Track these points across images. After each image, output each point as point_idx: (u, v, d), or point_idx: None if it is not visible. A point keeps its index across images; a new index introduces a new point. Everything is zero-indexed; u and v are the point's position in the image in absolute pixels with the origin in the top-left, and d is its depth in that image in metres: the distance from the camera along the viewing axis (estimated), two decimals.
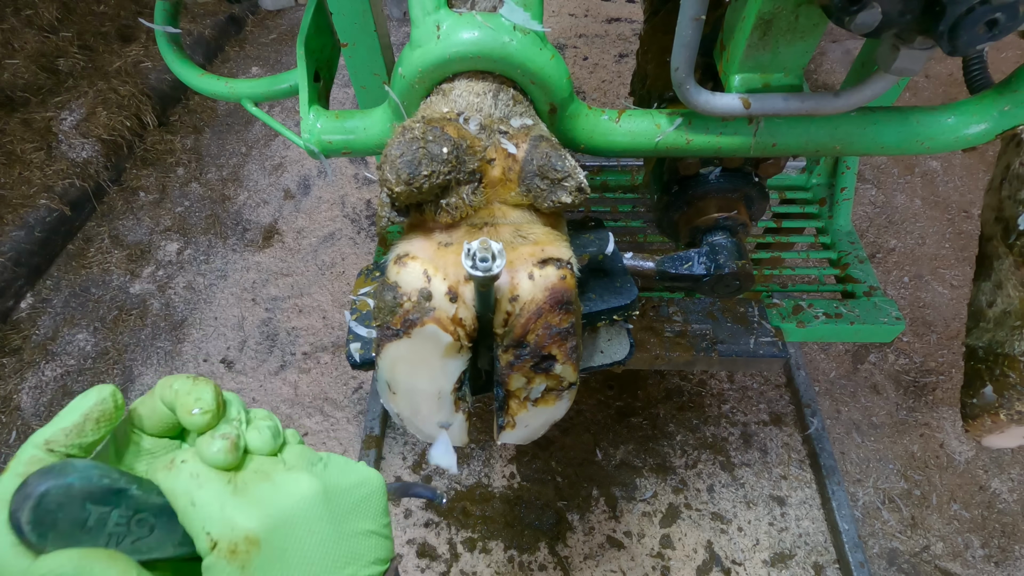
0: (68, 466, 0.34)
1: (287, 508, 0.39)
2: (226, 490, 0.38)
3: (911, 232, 2.10)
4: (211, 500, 0.37)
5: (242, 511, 0.37)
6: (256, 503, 0.38)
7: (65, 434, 0.37)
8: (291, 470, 0.41)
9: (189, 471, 0.38)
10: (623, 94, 2.60)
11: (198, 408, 0.40)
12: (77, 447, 0.37)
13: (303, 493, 0.40)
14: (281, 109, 2.56)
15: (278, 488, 0.39)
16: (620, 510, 1.51)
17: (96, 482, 0.34)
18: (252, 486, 0.39)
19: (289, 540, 0.38)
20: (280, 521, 0.38)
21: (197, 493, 0.37)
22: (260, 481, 0.39)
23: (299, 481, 0.40)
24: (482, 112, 0.57)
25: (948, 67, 2.61)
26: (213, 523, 0.36)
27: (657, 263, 0.78)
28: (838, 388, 1.75)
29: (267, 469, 0.41)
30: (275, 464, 0.41)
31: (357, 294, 0.68)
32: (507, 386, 0.54)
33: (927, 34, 0.52)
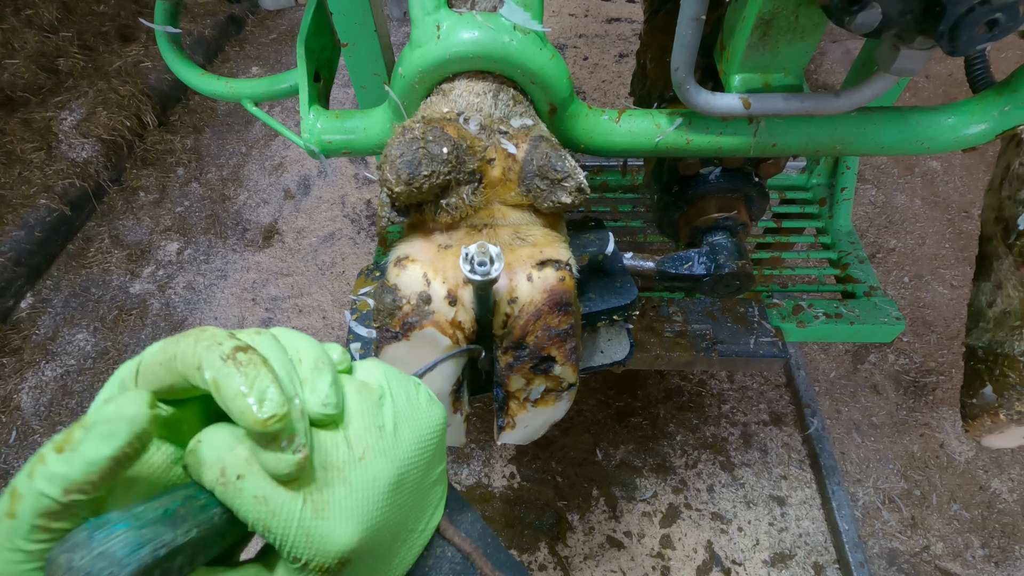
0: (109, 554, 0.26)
1: (373, 515, 0.34)
2: (305, 514, 0.32)
3: (911, 232, 2.10)
4: (291, 528, 0.31)
5: (330, 538, 0.32)
6: (342, 521, 0.33)
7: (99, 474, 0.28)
8: (365, 461, 0.34)
9: (252, 493, 0.30)
10: (623, 94, 2.60)
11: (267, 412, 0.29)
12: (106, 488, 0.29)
13: (383, 487, 0.34)
14: (281, 109, 2.56)
15: (358, 493, 0.34)
16: (620, 510, 1.51)
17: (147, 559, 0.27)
18: (330, 497, 0.33)
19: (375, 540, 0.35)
20: (369, 533, 0.34)
21: (271, 521, 0.31)
22: (337, 487, 0.33)
23: (377, 476, 0.34)
24: (482, 112, 0.57)
25: (948, 67, 2.61)
26: (299, 549, 0.32)
27: (657, 263, 0.78)
28: (838, 388, 1.75)
29: (339, 464, 0.34)
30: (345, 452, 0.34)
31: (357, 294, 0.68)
32: (507, 387, 0.54)
33: (927, 34, 0.52)
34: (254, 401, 0.29)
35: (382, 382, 0.38)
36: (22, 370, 1.79)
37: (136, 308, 1.94)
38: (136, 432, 0.29)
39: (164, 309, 1.94)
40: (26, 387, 1.76)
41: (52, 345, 1.85)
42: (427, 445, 0.37)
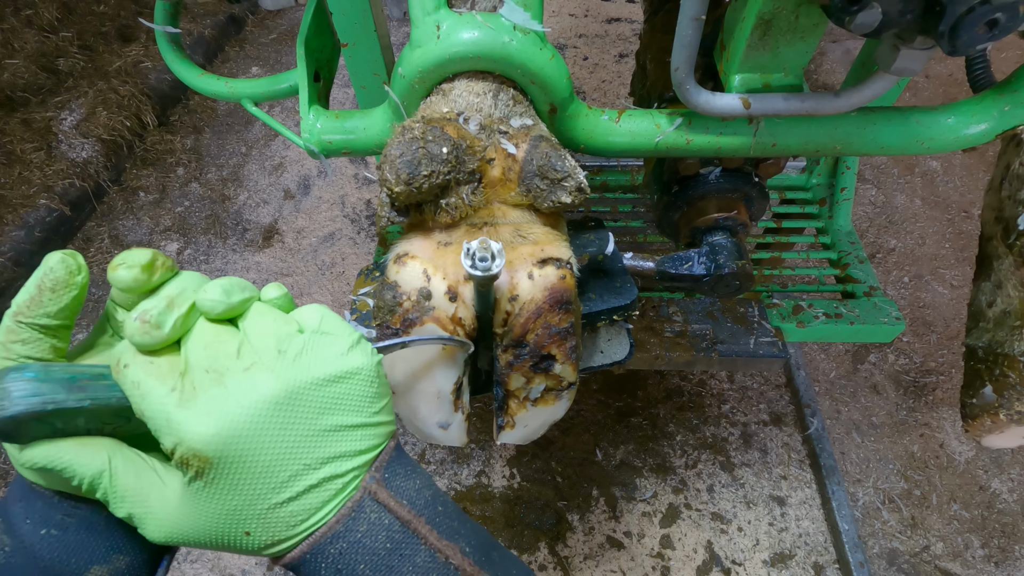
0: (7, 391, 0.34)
1: (240, 419, 0.35)
2: (170, 400, 0.35)
3: (911, 232, 2.10)
4: (156, 412, 0.35)
5: (187, 425, 0.35)
6: (204, 415, 0.35)
7: (27, 305, 0.36)
8: (249, 369, 0.37)
9: (131, 378, 0.36)
10: (623, 94, 2.60)
11: (123, 264, 0.37)
12: (44, 316, 0.37)
13: (260, 399, 0.36)
14: (281, 109, 2.56)
15: (230, 395, 0.36)
16: (620, 510, 1.51)
17: (38, 407, 0.34)
18: (201, 392, 0.36)
19: (245, 452, 0.35)
20: (232, 435, 0.35)
21: (142, 404, 0.36)
22: (211, 385, 0.36)
23: (256, 385, 0.36)
24: (482, 112, 0.57)
25: (948, 67, 2.61)
26: (162, 435, 0.36)
27: (657, 263, 0.78)
28: (838, 388, 1.75)
29: (221, 367, 0.37)
30: (229, 357, 0.37)
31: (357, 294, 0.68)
32: (506, 386, 0.54)
33: (927, 34, 0.52)
34: (121, 260, 0.37)
35: (313, 320, 0.40)
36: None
37: None
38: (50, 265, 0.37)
39: None
40: None
41: None
42: (331, 383, 0.38)
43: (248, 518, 0.37)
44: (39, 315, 0.36)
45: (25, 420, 0.34)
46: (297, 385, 0.37)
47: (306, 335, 0.39)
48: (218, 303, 0.38)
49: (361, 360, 0.40)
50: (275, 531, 0.37)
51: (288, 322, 0.40)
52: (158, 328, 0.37)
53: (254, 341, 0.38)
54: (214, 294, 0.38)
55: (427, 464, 1.60)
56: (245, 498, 0.36)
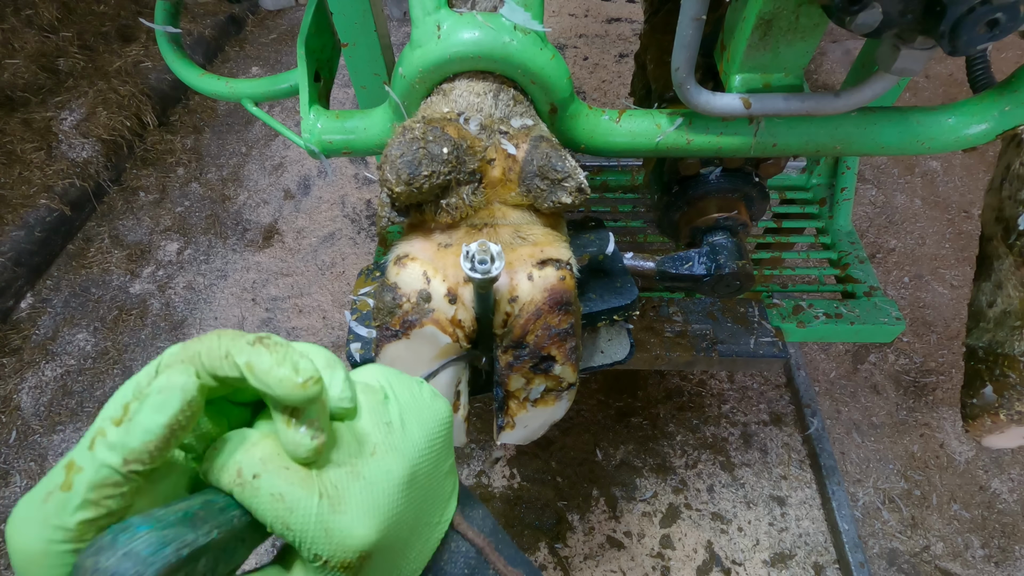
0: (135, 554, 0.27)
1: (388, 508, 0.34)
2: (322, 509, 0.32)
3: (911, 232, 2.10)
4: (309, 524, 0.31)
5: (348, 532, 0.32)
6: (359, 515, 0.33)
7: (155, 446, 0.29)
8: (376, 456, 0.35)
9: (269, 491, 0.31)
10: (623, 94, 2.60)
11: (304, 375, 0.30)
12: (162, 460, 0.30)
13: (396, 481, 0.35)
14: (281, 109, 2.56)
15: (373, 487, 0.34)
16: (620, 510, 1.51)
17: (170, 559, 0.28)
18: (345, 492, 0.33)
19: (395, 533, 0.35)
20: (386, 526, 0.34)
21: (289, 518, 0.31)
22: (351, 482, 0.33)
23: (390, 470, 0.35)
24: (482, 112, 0.57)
25: (948, 67, 2.61)
26: (319, 546, 0.32)
27: (657, 263, 0.78)
28: (838, 388, 1.75)
29: (352, 460, 0.34)
30: (353, 447, 0.34)
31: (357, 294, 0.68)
32: (507, 387, 0.54)
33: (928, 34, 0.52)
34: (290, 370, 0.30)
35: (383, 382, 0.38)
36: (22, 370, 1.79)
37: (136, 308, 1.94)
38: (187, 399, 0.29)
39: (164, 309, 1.94)
40: (26, 387, 1.76)
41: (52, 345, 1.85)
42: (435, 438, 0.38)
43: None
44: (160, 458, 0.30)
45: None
46: (415, 455, 0.36)
47: (391, 397, 0.38)
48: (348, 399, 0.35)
49: (442, 405, 0.39)
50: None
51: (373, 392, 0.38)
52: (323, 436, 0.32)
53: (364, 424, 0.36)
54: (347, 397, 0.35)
55: None
56: (390, 568, 0.36)
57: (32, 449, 1.64)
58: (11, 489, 1.57)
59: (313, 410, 0.32)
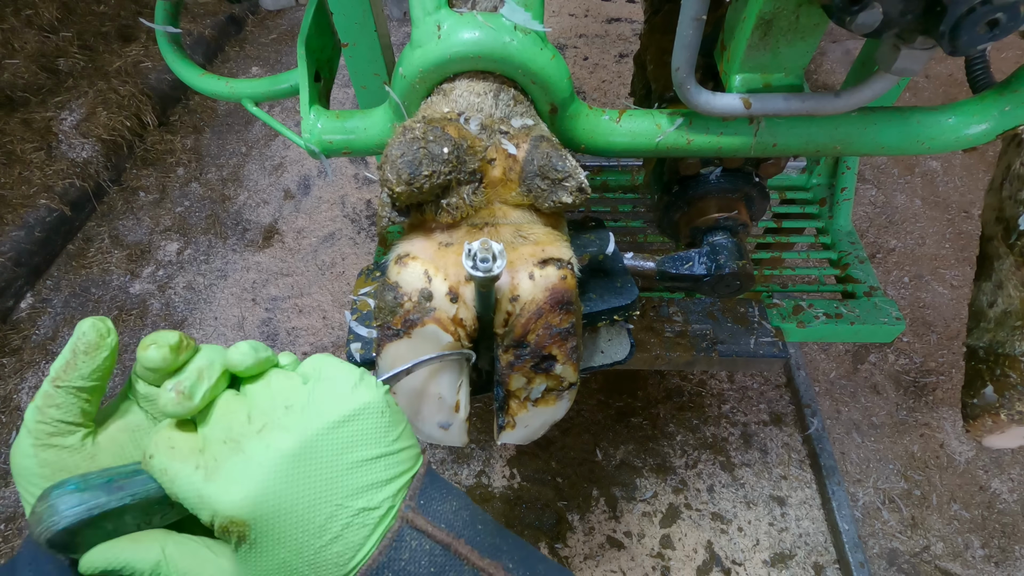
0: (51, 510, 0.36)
1: (263, 481, 0.37)
2: (196, 477, 0.38)
3: (911, 232, 2.11)
4: (187, 492, 0.38)
5: (217, 498, 0.37)
6: (229, 484, 0.37)
7: (63, 370, 0.39)
8: (262, 431, 0.39)
9: (158, 467, 0.39)
10: (623, 94, 2.60)
11: (153, 344, 0.40)
12: (78, 379, 0.39)
13: (277, 457, 0.38)
14: (281, 109, 2.56)
15: (250, 459, 0.38)
16: (620, 510, 1.51)
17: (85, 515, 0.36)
18: (223, 463, 0.38)
19: (278, 507, 0.37)
20: (260, 496, 0.37)
21: (174, 488, 0.38)
22: (230, 455, 0.38)
23: (271, 445, 0.38)
24: (483, 112, 0.57)
25: (948, 67, 2.61)
26: (198, 511, 0.38)
27: (657, 263, 0.78)
28: (838, 388, 1.75)
29: (237, 435, 0.39)
30: (243, 423, 0.40)
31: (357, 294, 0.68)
32: (507, 386, 0.54)
33: (928, 34, 0.52)
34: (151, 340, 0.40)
35: (314, 369, 0.42)
36: (22, 370, 1.79)
37: (136, 308, 1.94)
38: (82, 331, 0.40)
39: (164, 309, 1.94)
40: (26, 387, 1.76)
41: (52, 345, 1.85)
42: (344, 424, 0.40)
43: (300, 567, 0.38)
44: (74, 377, 0.39)
45: (77, 529, 0.36)
46: (310, 434, 0.39)
47: (309, 385, 0.41)
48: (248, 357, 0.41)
49: (366, 395, 0.41)
50: (328, 573, 0.39)
51: (290, 378, 0.42)
52: (190, 399, 0.40)
53: (262, 404, 0.40)
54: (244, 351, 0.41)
55: None
56: (291, 549, 0.38)
57: None
58: (11, 489, 1.57)
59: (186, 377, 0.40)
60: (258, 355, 0.41)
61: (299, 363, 0.45)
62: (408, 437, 0.43)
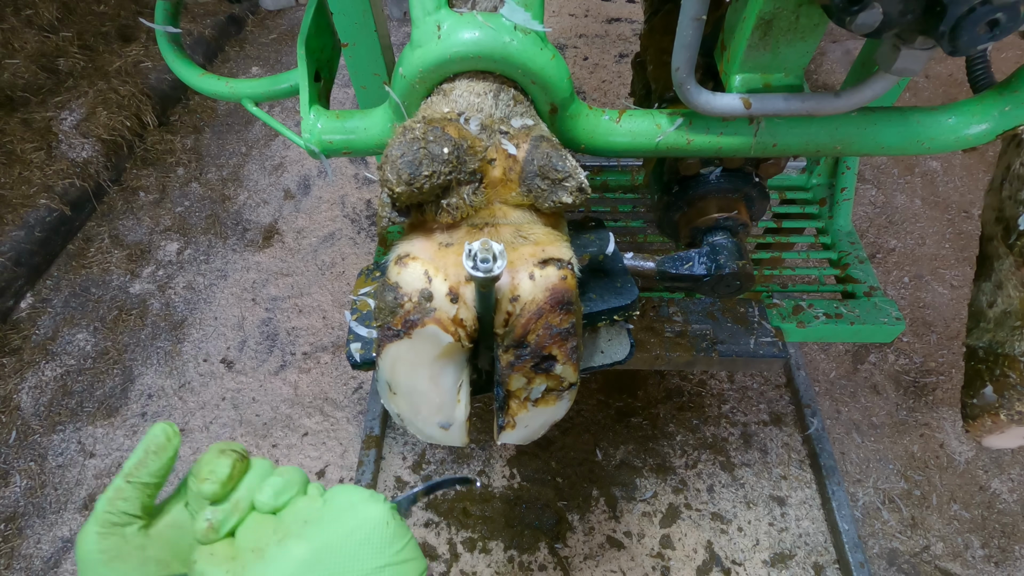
0: None
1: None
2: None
3: (911, 232, 2.11)
4: None
5: None
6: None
7: (135, 467, 0.46)
8: (282, 541, 0.45)
9: (199, 571, 0.45)
10: (623, 94, 2.60)
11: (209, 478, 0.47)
12: (147, 475, 0.46)
13: (294, 563, 0.43)
14: (281, 109, 2.56)
15: (269, 564, 0.44)
16: (620, 510, 1.51)
17: None
18: (248, 568, 0.44)
19: None
20: None
21: None
22: (254, 561, 0.44)
23: (288, 552, 0.44)
24: (483, 112, 0.57)
25: (948, 67, 2.61)
26: None
27: (657, 263, 0.78)
28: (838, 388, 1.75)
29: (261, 543, 0.45)
30: (268, 535, 0.46)
31: (357, 294, 0.68)
32: (507, 386, 0.54)
33: (928, 34, 0.52)
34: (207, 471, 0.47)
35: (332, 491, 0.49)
36: (22, 370, 1.79)
37: (136, 308, 1.94)
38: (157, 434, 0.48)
39: (164, 309, 1.94)
40: (26, 387, 1.76)
41: (52, 345, 1.85)
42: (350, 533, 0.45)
43: None
44: (143, 474, 0.46)
45: None
46: (322, 543, 0.44)
47: (325, 502, 0.47)
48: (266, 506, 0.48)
49: (372, 510, 0.47)
50: None
51: (312, 500, 0.48)
52: (217, 532, 0.47)
53: (285, 519, 0.47)
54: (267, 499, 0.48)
55: (427, 464, 1.60)
56: None
57: (32, 449, 1.64)
58: (11, 489, 1.57)
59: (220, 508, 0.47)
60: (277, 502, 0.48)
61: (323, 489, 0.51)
62: (412, 550, 0.47)
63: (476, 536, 1.47)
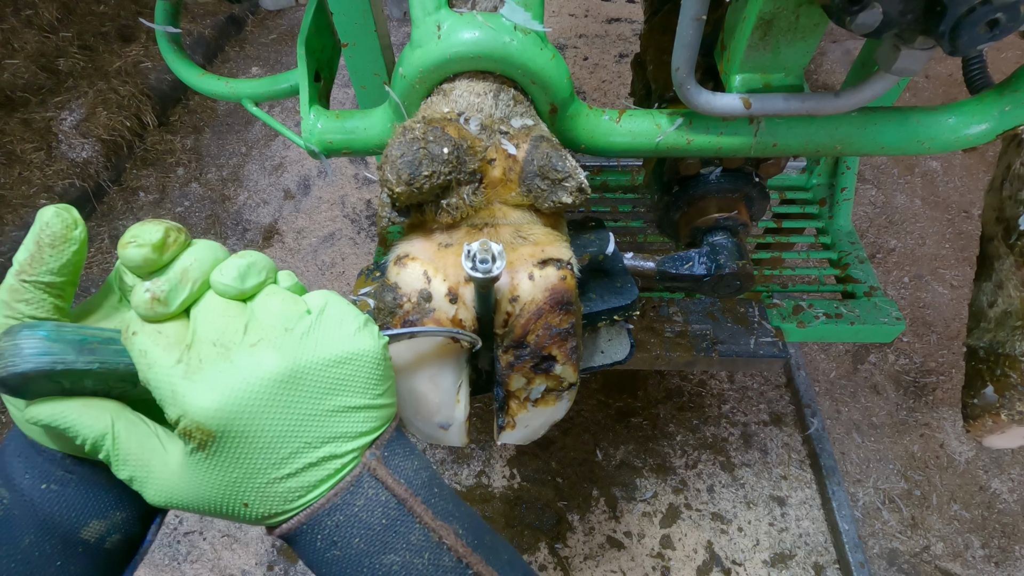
0: (15, 349, 0.34)
1: (244, 395, 0.36)
2: (176, 372, 0.36)
3: (911, 232, 2.11)
4: (161, 383, 0.36)
5: (192, 397, 0.35)
6: (208, 388, 0.35)
7: (28, 263, 0.36)
8: (255, 346, 0.37)
9: (138, 346, 0.37)
10: (623, 94, 2.60)
11: (133, 240, 0.36)
12: (46, 273, 0.36)
13: (264, 376, 0.36)
14: (281, 109, 2.56)
15: (235, 370, 0.36)
16: (620, 510, 1.51)
17: (47, 367, 0.35)
18: (207, 366, 0.36)
19: (248, 428, 0.36)
20: (236, 410, 0.36)
21: (148, 374, 0.36)
22: (217, 360, 0.36)
23: (261, 362, 0.37)
24: (483, 112, 0.57)
25: (948, 67, 2.61)
26: (166, 405, 0.36)
27: (657, 263, 0.78)
28: (838, 388, 1.75)
29: (228, 342, 0.37)
30: (237, 332, 0.37)
31: (357, 294, 0.68)
32: (507, 386, 0.54)
33: (928, 34, 0.52)
34: (131, 235, 0.37)
35: (318, 303, 0.41)
36: None
37: None
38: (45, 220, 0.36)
39: None
40: None
41: None
42: (338, 363, 0.39)
43: (247, 491, 0.38)
44: (42, 272, 0.36)
45: (34, 377, 0.35)
46: (302, 364, 0.37)
47: (313, 315, 0.39)
48: (231, 288, 0.39)
49: (368, 342, 0.40)
50: (273, 504, 0.38)
51: (296, 303, 0.40)
52: (165, 306, 0.37)
53: (261, 319, 0.38)
54: (229, 278, 0.39)
55: None
56: (245, 472, 0.37)
57: None
58: None
59: (165, 280, 0.37)
60: (243, 286, 0.39)
61: (303, 289, 0.43)
62: (391, 394, 0.42)
63: None
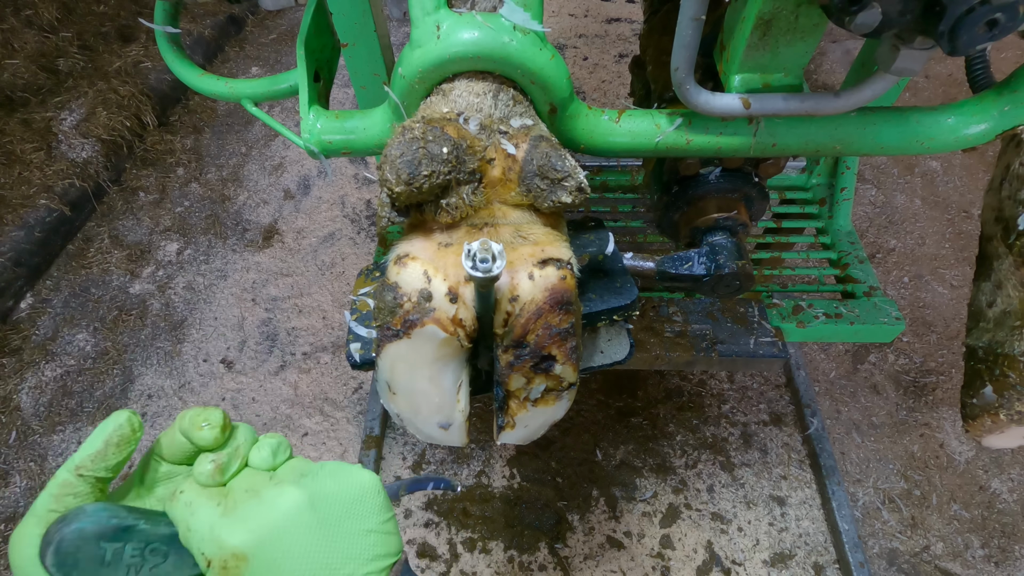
0: (80, 512, 0.38)
1: (272, 521, 0.41)
2: (215, 512, 0.41)
3: (911, 232, 2.11)
4: (202, 524, 0.41)
5: (228, 530, 0.40)
6: (242, 520, 0.41)
7: (91, 459, 0.41)
8: (278, 484, 0.43)
9: (184, 500, 0.42)
10: (623, 94, 2.60)
11: (206, 423, 0.44)
12: (103, 469, 0.41)
13: (288, 504, 0.42)
14: (281, 109, 2.56)
15: (264, 503, 0.42)
16: (620, 510, 1.51)
17: (105, 523, 0.39)
18: (241, 505, 0.42)
19: (277, 550, 0.40)
20: (266, 534, 0.40)
21: (191, 520, 0.41)
22: (248, 499, 0.42)
23: (284, 494, 0.42)
24: (482, 112, 0.57)
25: (948, 67, 2.61)
26: (205, 544, 0.40)
27: (657, 263, 0.78)
28: (838, 388, 1.75)
29: (256, 486, 0.43)
30: (264, 481, 0.44)
31: (357, 294, 0.68)
32: (507, 386, 0.54)
33: (927, 34, 0.52)
34: (202, 419, 0.44)
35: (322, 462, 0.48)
36: (22, 370, 1.79)
37: (136, 308, 1.94)
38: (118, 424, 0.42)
39: (164, 309, 1.94)
40: (26, 387, 1.76)
41: (52, 345, 1.85)
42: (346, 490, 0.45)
43: None
44: (100, 468, 0.41)
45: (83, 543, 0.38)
46: (318, 493, 0.43)
47: (320, 465, 0.46)
48: (266, 463, 0.46)
49: (367, 475, 0.46)
50: None
51: (308, 461, 0.48)
52: (222, 474, 0.44)
53: (281, 473, 0.46)
54: (266, 454, 0.46)
55: (427, 464, 1.60)
56: None
57: (32, 449, 1.64)
58: (11, 489, 1.57)
59: (225, 455, 0.44)
60: (275, 462, 0.46)
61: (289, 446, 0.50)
62: (395, 528, 0.47)
63: (476, 536, 1.47)
